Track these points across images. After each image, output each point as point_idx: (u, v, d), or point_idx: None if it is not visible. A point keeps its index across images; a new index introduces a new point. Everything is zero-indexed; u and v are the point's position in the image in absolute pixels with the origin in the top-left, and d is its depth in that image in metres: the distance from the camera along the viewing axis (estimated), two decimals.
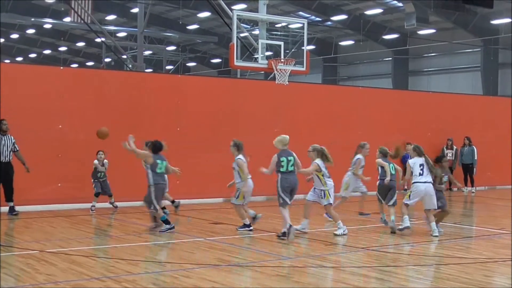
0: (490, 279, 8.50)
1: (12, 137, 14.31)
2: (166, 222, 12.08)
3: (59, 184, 15.75)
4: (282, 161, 11.59)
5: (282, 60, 16.94)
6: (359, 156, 14.55)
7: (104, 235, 11.94)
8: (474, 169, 21.83)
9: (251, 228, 12.28)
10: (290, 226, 11.35)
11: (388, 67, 49.56)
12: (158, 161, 12.10)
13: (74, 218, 14.12)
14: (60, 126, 15.85)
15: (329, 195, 11.96)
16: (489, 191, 22.29)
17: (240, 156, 12.13)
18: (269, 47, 17.57)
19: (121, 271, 8.63)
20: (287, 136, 12.10)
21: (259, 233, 12.32)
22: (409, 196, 12.25)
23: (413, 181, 12.30)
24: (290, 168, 11.64)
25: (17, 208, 14.48)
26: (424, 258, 9.82)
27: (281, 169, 11.58)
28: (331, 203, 12.05)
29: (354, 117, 20.14)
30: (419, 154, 12.55)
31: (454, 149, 22.11)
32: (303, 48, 17.53)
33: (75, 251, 10.02)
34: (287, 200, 11.53)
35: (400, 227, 12.22)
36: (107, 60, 50.30)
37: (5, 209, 14.25)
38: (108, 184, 15.26)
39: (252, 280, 8.50)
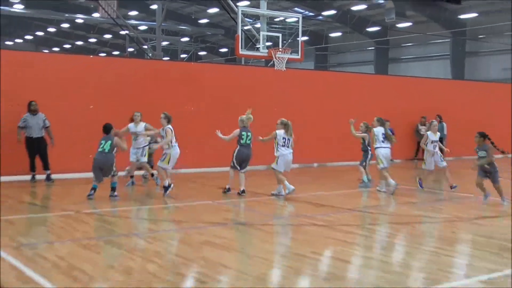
0: (456, 235, 8.56)
1: (42, 115, 14.27)
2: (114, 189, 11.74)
3: (90, 156, 15.77)
4: (243, 135, 12.30)
5: (280, 49, 16.92)
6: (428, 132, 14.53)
7: (129, 199, 11.99)
8: (444, 142, 21.85)
9: (169, 189, 11.93)
10: (229, 188, 12.43)
11: (371, 55, 49.43)
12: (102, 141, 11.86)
13: (103, 184, 14.14)
14: (91, 106, 15.85)
15: (276, 161, 12.21)
16: (457, 161, 22.29)
17: (169, 126, 12.08)
18: (269, 38, 17.52)
19: (144, 229, 8.71)
20: (251, 117, 12.74)
21: (260, 196, 12.38)
22: (381, 161, 12.81)
23: (376, 146, 13.01)
24: (248, 142, 12.36)
25: (57, 176, 14.53)
26: (401, 218, 9.87)
27: (241, 142, 12.31)
28: (273, 168, 12.29)
29: (342, 98, 20.12)
30: (382, 124, 13.16)
31: (427, 125, 22.10)
32: (298, 39, 17.45)
33: (105, 212, 10.10)
34: (238, 167, 12.29)
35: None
36: (130, 49, 50.10)
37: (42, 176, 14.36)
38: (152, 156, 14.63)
39: (254, 237, 8.57)
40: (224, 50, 59.20)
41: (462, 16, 41.51)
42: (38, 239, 7.90)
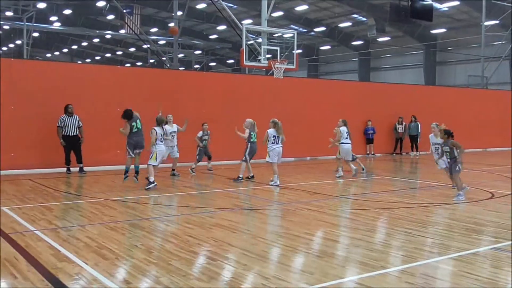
0: (430, 218, 8.50)
1: (77, 116, 14.26)
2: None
3: (118, 151, 15.76)
4: (252, 135, 12.97)
5: (278, 60, 16.92)
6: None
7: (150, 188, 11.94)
8: (419, 138, 21.78)
9: (154, 184, 11.47)
10: (240, 177, 12.83)
11: (355, 65, 49.33)
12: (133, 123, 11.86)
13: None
14: (118, 109, 15.77)
15: (268, 155, 12.43)
16: (430, 155, 22.19)
17: (155, 128, 11.86)
18: (269, 51, 17.47)
19: (163, 213, 8.65)
20: (253, 120, 13.23)
21: (262, 185, 12.33)
22: (339, 153, 13.88)
23: (340, 142, 13.73)
24: (255, 140, 13.01)
25: (88, 168, 14.52)
26: (381, 203, 9.81)
27: (251, 140, 12.94)
28: (267, 161, 12.50)
29: (330, 102, 20.03)
30: (345, 125, 13.86)
31: (404, 124, 22.01)
32: (293, 52, 17.42)
33: (130, 199, 10.05)
34: (248, 159, 12.91)
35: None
36: (151, 61, 50.13)
37: (76, 169, 14.36)
38: (208, 149, 14.62)
39: (257, 220, 8.52)
40: (231, 61, 59.11)
41: (434, 31, 41.43)
42: (72, 223, 7.85)
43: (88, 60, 62.62)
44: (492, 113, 24.90)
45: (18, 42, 38.97)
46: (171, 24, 31.08)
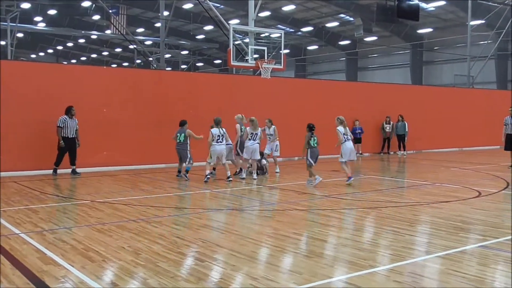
0: (418, 217, 8.54)
1: (76, 120, 14.16)
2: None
3: (105, 153, 15.68)
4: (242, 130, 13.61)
5: (265, 60, 16.91)
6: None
7: (138, 189, 11.88)
8: (406, 138, 21.89)
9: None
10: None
11: (342, 65, 49.51)
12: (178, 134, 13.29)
13: (116, 177, 14.08)
14: (104, 110, 15.72)
15: (244, 151, 13.18)
16: (417, 154, 22.36)
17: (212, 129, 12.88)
18: (256, 51, 17.46)
19: (151, 215, 8.61)
20: (241, 115, 13.81)
21: (251, 185, 12.32)
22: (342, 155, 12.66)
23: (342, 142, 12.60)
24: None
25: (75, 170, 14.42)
26: (369, 203, 9.84)
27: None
28: (244, 157, 13.25)
29: (318, 102, 20.08)
30: (341, 123, 12.66)
31: (391, 124, 22.12)
32: (281, 51, 17.43)
33: (117, 201, 9.99)
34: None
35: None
36: (138, 61, 49.92)
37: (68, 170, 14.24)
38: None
39: (246, 220, 8.50)
40: (218, 61, 59.04)
41: (420, 31, 41.70)
42: (58, 225, 7.78)
43: (73, 61, 62.17)
44: (478, 112, 25.14)
45: (2, 43, 38.57)
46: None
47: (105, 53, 61.96)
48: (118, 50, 58.50)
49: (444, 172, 15.38)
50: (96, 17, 43.55)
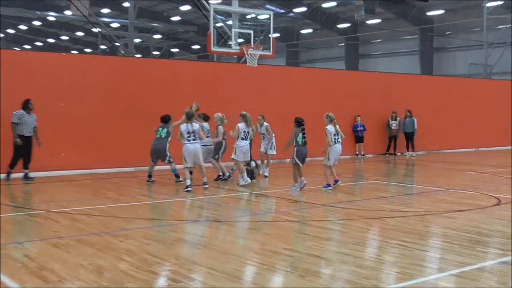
0: (428, 228, 8.55)
1: (35, 115, 13.96)
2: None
3: (63, 154, 15.55)
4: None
5: (252, 46, 16.91)
6: None
7: (101, 196, 11.78)
8: (414, 136, 22.01)
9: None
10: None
11: (341, 52, 49.65)
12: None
13: (75, 182, 13.96)
14: (62, 104, 15.59)
15: (235, 152, 13.05)
16: (427, 155, 22.48)
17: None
18: (241, 35, 17.43)
19: (116, 227, 8.52)
20: (222, 115, 13.84)
21: (233, 192, 12.27)
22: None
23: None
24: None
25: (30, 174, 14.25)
26: (372, 212, 9.84)
27: (225, 137, 13.72)
28: (233, 158, 13.21)
29: (312, 94, 20.10)
30: (331, 121, 12.61)
31: (398, 120, 22.21)
32: (269, 35, 17.42)
33: (76, 211, 9.88)
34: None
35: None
36: (103, 47, 49.65)
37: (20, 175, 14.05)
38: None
39: (228, 233, 8.45)
40: (196, 47, 58.90)
41: (430, 13, 41.92)
42: (7, 239, 7.66)
43: (27, 47, 61.68)
44: (497, 106, 25.29)
45: None
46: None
47: (64, 38, 61.53)
48: (80, 34, 58.12)
49: (458, 176, 15.46)
50: None
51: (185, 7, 44.66)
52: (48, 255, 6.74)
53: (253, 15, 19.87)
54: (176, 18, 50.16)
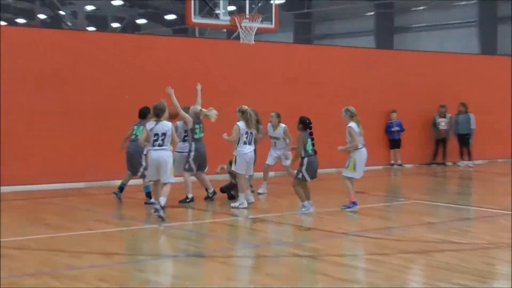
0: (492, 267, 8.54)
1: None
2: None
3: None
4: (196, 130, 13.49)
5: (247, 16, 16.86)
6: None
7: (41, 223, 11.76)
8: (471, 139, 21.96)
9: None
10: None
11: (369, 24, 49.64)
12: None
13: (6, 204, 13.89)
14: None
15: (235, 161, 12.94)
16: (489, 165, 22.50)
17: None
18: (232, 1, 17.43)
19: (61, 265, 8.51)
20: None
21: (222, 217, 12.28)
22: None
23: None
24: (201, 136, 13.62)
25: None
26: (414, 244, 9.83)
27: (195, 136, 13.53)
28: (233, 170, 13.10)
29: (331, 81, 20.10)
30: (351, 117, 12.81)
31: (448, 117, 22.19)
32: (271, 2, 17.43)
33: (6, 243, 9.85)
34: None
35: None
36: (42, 16, 49.71)
37: None
38: None
39: (215, 273, 8.42)
40: (171, 17, 59.01)
41: None
42: None
43: None
44: None
45: None
46: None
47: None
48: None
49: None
50: None
51: None
52: None
53: None
54: None
